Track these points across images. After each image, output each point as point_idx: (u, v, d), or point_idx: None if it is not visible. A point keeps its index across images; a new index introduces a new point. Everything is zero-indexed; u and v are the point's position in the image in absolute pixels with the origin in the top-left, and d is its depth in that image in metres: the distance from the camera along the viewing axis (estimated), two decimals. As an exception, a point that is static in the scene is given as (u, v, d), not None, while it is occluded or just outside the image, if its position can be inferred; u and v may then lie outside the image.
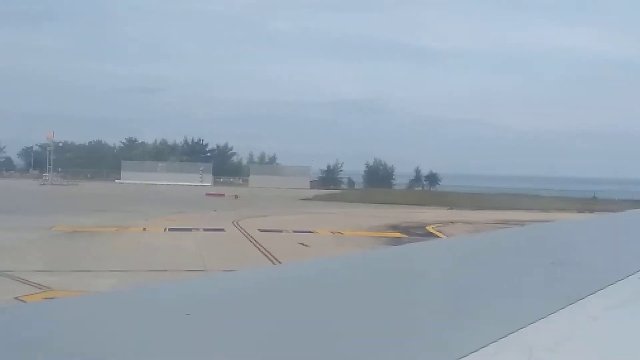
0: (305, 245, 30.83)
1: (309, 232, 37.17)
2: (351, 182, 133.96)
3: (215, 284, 3.54)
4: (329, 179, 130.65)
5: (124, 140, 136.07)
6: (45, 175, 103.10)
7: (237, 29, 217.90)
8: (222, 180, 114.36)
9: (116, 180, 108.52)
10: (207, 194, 75.58)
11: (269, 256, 26.67)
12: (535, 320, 2.59)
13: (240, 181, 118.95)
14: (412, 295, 3.21)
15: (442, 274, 3.91)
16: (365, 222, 46.04)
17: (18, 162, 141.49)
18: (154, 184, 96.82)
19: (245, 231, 36.27)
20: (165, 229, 36.44)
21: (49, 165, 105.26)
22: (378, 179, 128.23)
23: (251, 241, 31.62)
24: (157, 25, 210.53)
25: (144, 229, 36.11)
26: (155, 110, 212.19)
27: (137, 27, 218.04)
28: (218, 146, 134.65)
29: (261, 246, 29.45)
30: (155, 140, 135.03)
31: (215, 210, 53.31)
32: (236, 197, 72.09)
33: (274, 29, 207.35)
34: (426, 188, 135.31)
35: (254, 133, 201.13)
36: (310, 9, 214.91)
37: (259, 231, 35.93)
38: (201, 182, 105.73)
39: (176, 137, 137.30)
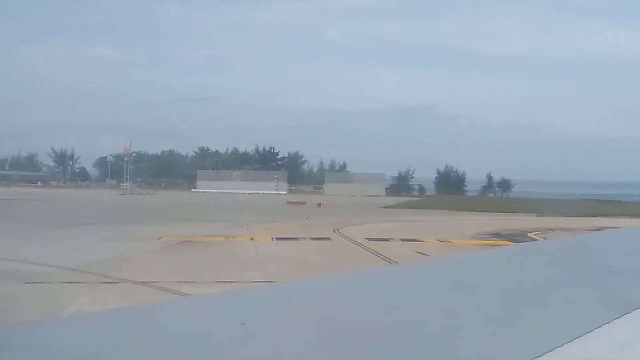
0: (424, 254, 29.97)
1: (417, 240, 36.29)
2: (422, 189, 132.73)
3: (271, 293, 3.55)
4: (400, 186, 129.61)
5: (196, 150, 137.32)
6: (123, 185, 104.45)
7: (292, 38, 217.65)
8: (296, 188, 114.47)
9: (192, 190, 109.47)
10: (289, 202, 75.35)
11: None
12: (592, 329, 2.54)
13: (313, 189, 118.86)
14: (471, 302, 3.20)
15: (500, 281, 3.90)
16: (465, 229, 44.92)
17: (92, 172, 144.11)
18: (230, 193, 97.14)
19: (353, 240, 35.61)
20: (272, 238, 36.01)
21: (126, 175, 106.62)
22: (450, 186, 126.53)
23: (368, 250, 30.90)
24: (213, 35, 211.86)
25: (252, 238, 35.71)
26: (213, 119, 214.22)
27: (194, 38, 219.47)
28: (289, 154, 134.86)
29: (382, 255, 28.68)
30: (227, 149, 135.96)
31: (307, 219, 52.87)
32: (319, 205, 71.61)
33: (329, 37, 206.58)
34: (498, 194, 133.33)
35: (312, 141, 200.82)
36: (365, 16, 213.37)
37: (367, 240, 35.23)
38: (276, 190, 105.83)
39: (238, 146, 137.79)
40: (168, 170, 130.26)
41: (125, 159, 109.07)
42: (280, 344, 2.36)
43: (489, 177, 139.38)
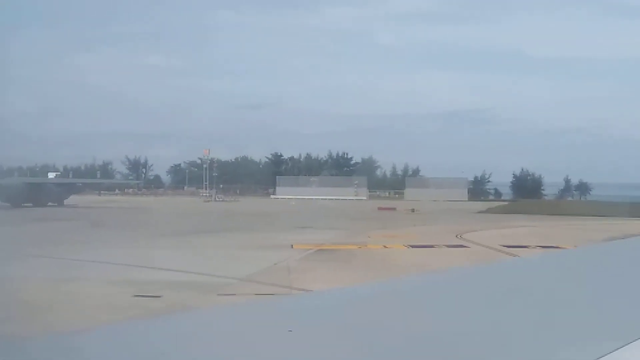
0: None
1: (556, 247, 35.05)
2: (498, 193, 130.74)
3: (316, 300, 3.54)
4: (477, 190, 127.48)
5: (269, 156, 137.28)
6: (203, 192, 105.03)
7: (343, 43, 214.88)
8: (374, 193, 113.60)
9: (271, 196, 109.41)
10: (379, 208, 74.35)
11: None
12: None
13: (393, 194, 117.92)
14: (530, 305, 3.20)
15: (561, 284, 3.84)
16: (590, 235, 43.38)
17: (165, 179, 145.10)
18: (310, 199, 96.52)
19: (490, 247, 34.64)
20: (406, 246, 35.17)
21: (205, 181, 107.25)
22: (527, 190, 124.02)
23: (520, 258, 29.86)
24: (263, 42, 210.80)
25: (385, 246, 34.98)
26: (264, 126, 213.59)
27: (243, 45, 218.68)
28: (363, 159, 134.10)
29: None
30: (300, 155, 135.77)
31: (415, 225, 51.90)
32: (413, 211, 70.47)
33: (381, 42, 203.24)
34: (576, 198, 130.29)
35: (365, 146, 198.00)
36: (417, 20, 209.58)
37: (505, 247, 34.20)
38: (356, 196, 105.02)
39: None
40: (241, 176, 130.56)
41: (204, 166, 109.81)
42: (326, 350, 2.35)
43: (567, 181, 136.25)
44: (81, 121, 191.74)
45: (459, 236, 40.81)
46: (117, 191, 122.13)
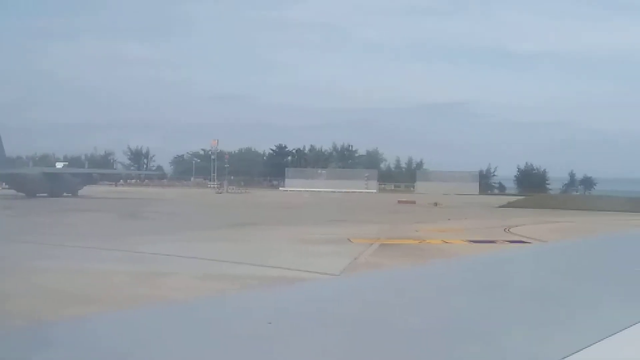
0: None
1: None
2: (502, 187, 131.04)
3: (298, 292, 3.54)
4: (482, 183, 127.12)
5: (273, 148, 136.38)
6: (211, 184, 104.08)
7: (323, 36, 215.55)
8: (382, 186, 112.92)
9: (280, 188, 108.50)
10: (400, 202, 73.42)
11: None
12: (623, 328, 2.50)
13: (393, 186, 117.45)
14: (499, 302, 3.16)
15: (531, 280, 3.77)
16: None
17: (167, 170, 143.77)
18: (322, 192, 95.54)
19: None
20: (467, 242, 34.07)
21: (213, 173, 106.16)
22: (532, 184, 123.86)
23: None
24: (243, 33, 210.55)
25: (445, 242, 33.93)
26: (239, 117, 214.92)
27: (223, 36, 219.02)
28: (368, 152, 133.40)
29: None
30: (304, 147, 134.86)
31: (450, 219, 50.90)
32: (436, 204, 69.51)
33: (360, 36, 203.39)
34: (580, 192, 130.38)
35: (346, 139, 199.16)
36: (395, 14, 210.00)
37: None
38: (366, 188, 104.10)
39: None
40: (245, 168, 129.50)
41: (212, 157, 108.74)
42: (306, 343, 2.36)
43: (571, 175, 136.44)
44: (65, 112, 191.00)
45: (507, 230, 39.89)
46: (120, 182, 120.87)
